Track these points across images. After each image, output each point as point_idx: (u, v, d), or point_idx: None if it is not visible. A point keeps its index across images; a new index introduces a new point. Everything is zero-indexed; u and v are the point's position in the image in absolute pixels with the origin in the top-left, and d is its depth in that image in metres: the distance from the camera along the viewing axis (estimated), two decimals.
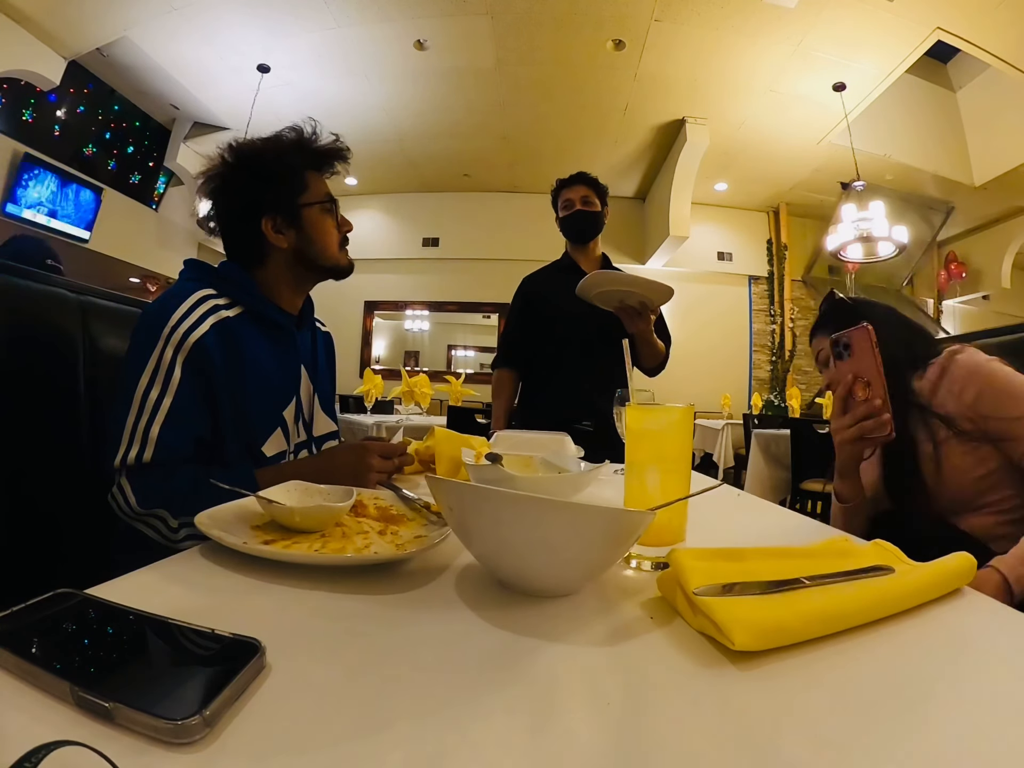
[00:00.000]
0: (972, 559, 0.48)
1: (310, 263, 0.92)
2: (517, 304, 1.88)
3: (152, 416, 0.75)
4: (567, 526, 0.40)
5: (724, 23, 3.92)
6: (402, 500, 0.70)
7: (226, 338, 0.81)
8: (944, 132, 5.21)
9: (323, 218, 0.93)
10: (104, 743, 0.21)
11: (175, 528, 0.73)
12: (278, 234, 0.90)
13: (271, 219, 0.89)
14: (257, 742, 0.25)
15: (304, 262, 0.92)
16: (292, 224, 0.90)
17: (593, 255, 1.85)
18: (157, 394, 0.76)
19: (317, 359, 1.01)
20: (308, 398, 0.97)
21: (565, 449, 1.12)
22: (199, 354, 0.77)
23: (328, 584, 0.45)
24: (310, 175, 0.93)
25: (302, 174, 0.92)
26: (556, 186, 1.85)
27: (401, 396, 3.20)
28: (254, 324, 0.87)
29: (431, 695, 0.30)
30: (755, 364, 6.95)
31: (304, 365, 0.96)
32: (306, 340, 0.99)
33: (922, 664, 0.36)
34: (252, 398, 0.83)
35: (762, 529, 0.77)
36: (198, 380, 0.78)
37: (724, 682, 0.32)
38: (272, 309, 0.90)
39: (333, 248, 0.94)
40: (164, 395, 0.76)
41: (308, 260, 0.92)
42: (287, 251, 0.91)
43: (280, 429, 0.88)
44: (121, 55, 4.58)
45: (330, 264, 0.94)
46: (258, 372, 0.85)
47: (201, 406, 0.79)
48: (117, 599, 0.35)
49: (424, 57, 4.47)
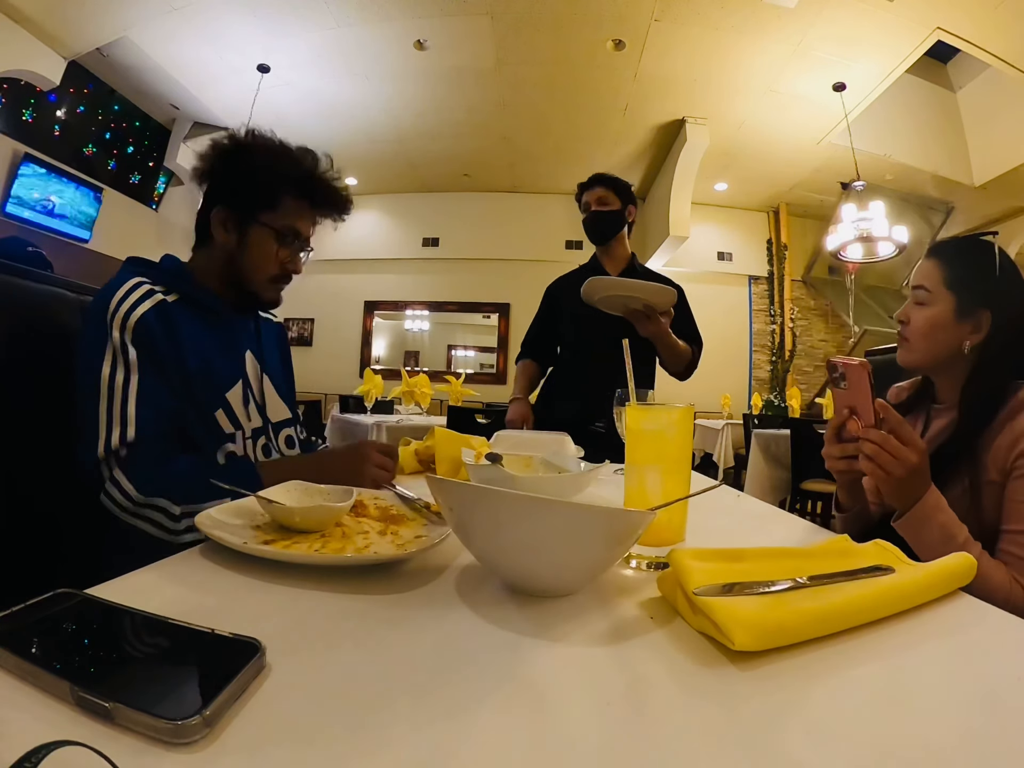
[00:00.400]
0: (972, 559, 0.48)
1: (237, 275, 0.91)
2: (541, 306, 1.92)
3: (124, 397, 0.76)
4: (567, 526, 0.40)
5: (724, 23, 3.91)
6: (402, 500, 0.70)
7: (165, 319, 0.81)
8: (944, 132, 5.21)
9: (268, 242, 0.90)
10: (104, 743, 0.21)
11: (178, 517, 0.72)
12: (221, 227, 0.89)
13: (223, 211, 0.89)
14: (257, 742, 0.25)
15: (233, 270, 0.91)
16: (237, 229, 0.89)
17: (618, 254, 1.83)
18: (122, 376, 0.76)
19: (262, 346, 1.00)
20: (257, 382, 0.97)
21: (565, 449, 1.13)
22: (143, 331, 0.78)
23: (328, 584, 0.45)
24: (290, 201, 0.90)
25: (280, 193, 0.89)
26: (577, 191, 1.84)
27: (401, 396, 3.20)
28: (190, 309, 0.87)
29: (431, 695, 0.30)
30: (755, 364, 6.95)
31: (250, 350, 0.96)
32: (249, 327, 0.99)
33: (921, 664, 0.36)
34: (194, 379, 0.84)
35: (762, 529, 0.77)
36: (149, 354, 0.79)
37: (724, 682, 0.32)
38: (206, 294, 0.90)
39: (262, 276, 0.91)
40: (129, 375, 0.76)
41: (236, 271, 0.91)
42: (223, 249, 0.90)
43: (223, 410, 0.88)
44: (121, 55, 4.58)
45: (252, 288, 0.92)
46: (197, 352, 0.85)
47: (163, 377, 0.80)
48: (117, 599, 0.35)
49: (424, 57, 4.47)
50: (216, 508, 0.58)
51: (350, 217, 1.02)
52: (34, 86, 4.19)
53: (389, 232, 7.12)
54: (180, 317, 0.84)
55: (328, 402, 5.50)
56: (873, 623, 0.40)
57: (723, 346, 6.86)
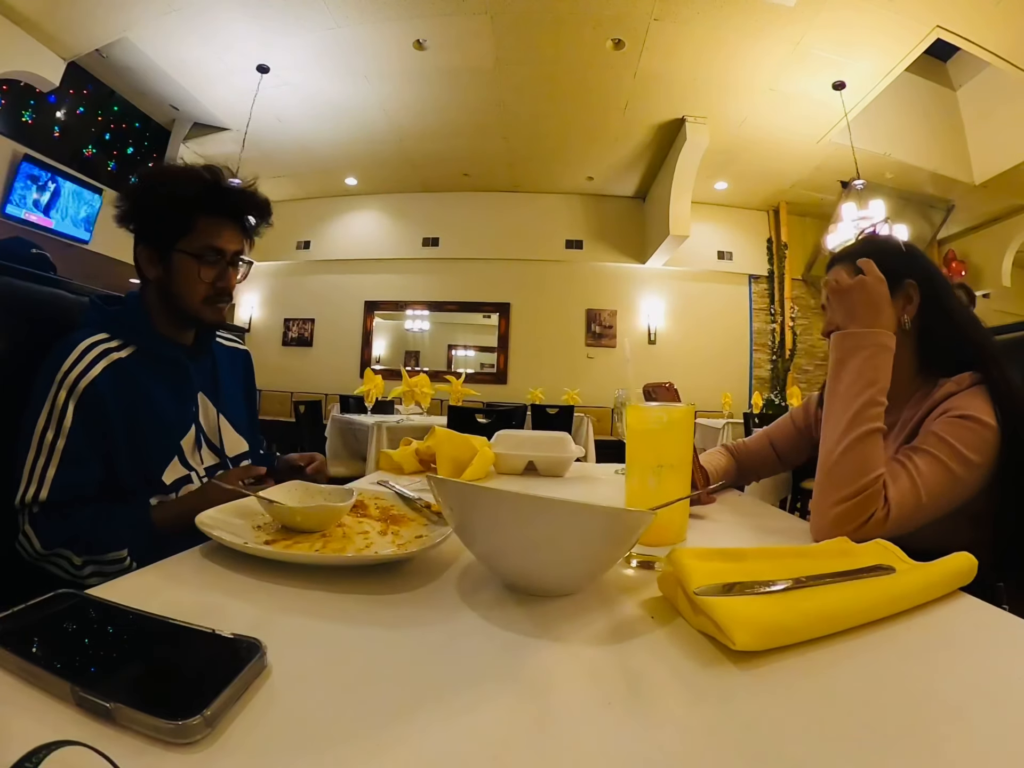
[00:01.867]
0: (972, 559, 0.48)
1: (173, 305, 0.92)
2: None
3: (48, 457, 0.79)
4: (568, 526, 0.40)
5: (724, 22, 3.91)
6: (403, 500, 0.70)
7: (119, 379, 0.84)
8: (944, 130, 5.21)
9: (190, 266, 0.90)
10: (104, 743, 0.21)
11: (79, 566, 0.78)
12: (148, 264, 0.91)
13: (145, 248, 0.91)
14: (257, 742, 0.25)
15: (169, 301, 0.92)
16: (161, 261, 0.90)
17: None
18: (52, 436, 0.79)
19: (220, 383, 1.01)
20: (211, 424, 0.98)
21: (566, 449, 1.12)
22: (90, 397, 0.81)
23: (328, 584, 0.45)
24: (204, 220, 0.90)
25: (191, 217, 0.89)
26: None
27: (401, 396, 3.19)
28: (146, 362, 0.89)
29: (432, 695, 0.30)
30: (755, 363, 6.95)
31: (203, 392, 0.98)
32: (204, 367, 1.00)
33: (922, 664, 0.36)
34: (147, 433, 0.87)
35: (762, 529, 0.77)
36: (89, 421, 0.81)
37: (725, 682, 0.32)
38: (162, 344, 0.92)
39: (194, 299, 0.91)
40: (58, 437, 0.79)
41: (171, 301, 0.92)
42: (156, 284, 0.92)
43: (177, 458, 0.91)
44: (120, 56, 4.59)
45: (190, 314, 0.92)
46: (152, 407, 0.88)
47: (95, 446, 0.82)
48: (117, 599, 0.35)
49: (424, 57, 4.47)
50: (217, 508, 0.58)
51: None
52: (34, 87, 4.19)
53: (389, 232, 7.12)
54: (133, 372, 0.86)
55: (328, 402, 5.50)
56: (873, 623, 0.40)
57: (723, 345, 6.87)
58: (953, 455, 0.71)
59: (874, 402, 0.72)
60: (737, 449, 1.09)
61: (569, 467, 1.14)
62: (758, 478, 1.12)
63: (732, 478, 1.04)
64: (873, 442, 0.70)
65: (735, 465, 1.06)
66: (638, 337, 6.90)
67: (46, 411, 0.79)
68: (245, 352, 1.15)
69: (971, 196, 5.56)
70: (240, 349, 1.13)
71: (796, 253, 6.88)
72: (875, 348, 0.74)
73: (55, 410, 0.79)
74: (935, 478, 0.70)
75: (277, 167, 6.35)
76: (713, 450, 1.08)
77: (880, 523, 0.67)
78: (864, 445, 0.70)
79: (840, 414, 0.73)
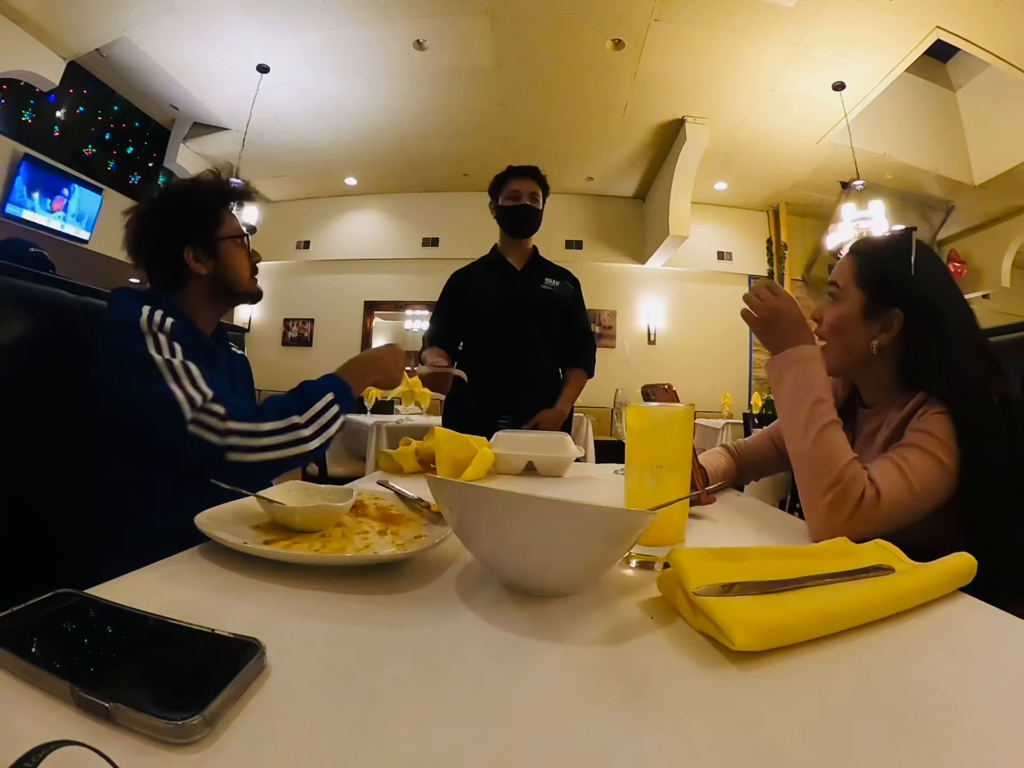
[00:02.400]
0: (972, 559, 0.48)
1: (226, 289, 1.03)
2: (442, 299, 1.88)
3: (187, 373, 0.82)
4: (567, 526, 0.40)
5: (724, 23, 3.91)
6: (402, 500, 0.70)
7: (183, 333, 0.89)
8: (944, 131, 5.21)
9: (237, 250, 1.03)
10: (104, 743, 0.21)
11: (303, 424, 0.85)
12: (198, 263, 1.00)
13: (192, 249, 0.99)
14: (257, 742, 0.25)
15: (220, 288, 1.02)
16: (210, 254, 1.00)
17: (525, 248, 1.88)
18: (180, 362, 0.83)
19: (234, 380, 1.09)
20: None
21: (566, 448, 1.13)
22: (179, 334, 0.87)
23: (328, 584, 0.45)
24: (224, 212, 1.04)
25: (219, 211, 1.03)
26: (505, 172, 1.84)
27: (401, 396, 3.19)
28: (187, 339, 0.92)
29: (431, 695, 0.30)
30: (755, 363, 6.95)
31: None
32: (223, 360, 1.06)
33: (922, 664, 0.36)
34: None
35: (762, 529, 0.77)
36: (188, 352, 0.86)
37: (724, 682, 0.32)
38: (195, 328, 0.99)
39: (246, 276, 1.05)
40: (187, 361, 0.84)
41: (224, 287, 1.03)
42: (206, 278, 1.01)
43: None
44: (120, 56, 4.58)
45: (243, 290, 1.05)
46: None
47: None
48: (117, 599, 0.35)
49: (424, 57, 4.47)
50: (216, 508, 0.58)
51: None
52: (33, 87, 4.19)
53: (389, 232, 7.12)
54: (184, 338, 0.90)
55: None
56: (873, 623, 0.40)
57: (723, 345, 6.87)
58: (939, 445, 0.71)
59: (819, 400, 0.74)
60: (738, 448, 1.09)
61: (568, 467, 1.14)
62: (759, 477, 1.12)
63: (732, 478, 1.05)
64: (832, 432, 0.72)
65: (735, 465, 1.06)
66: (638, 337, 6.90)
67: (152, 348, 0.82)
68: (244, 356, 1.18)
69: (971, 197, 5.56)
70: (238, 354, 1.16)
71: (796, 254, 6.88)
72: (801, 362, 0.77)
73: (162, 348, 0.83)
74: (924, 467, 0.71)
75: (277, 167, 6.34)
76: (713, 450, 1.08)
77: (873, 504, 0.67)
78: (824, 437, 0.72)
79: (793, 421, 0.75)
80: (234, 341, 1.15)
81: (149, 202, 1.01)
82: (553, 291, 1.81)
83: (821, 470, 0.70)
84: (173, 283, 1.00)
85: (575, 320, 1.85)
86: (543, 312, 1.79)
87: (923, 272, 0.82)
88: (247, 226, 1.11)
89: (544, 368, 1.82)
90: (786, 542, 0.69)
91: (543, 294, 1.80)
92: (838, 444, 0.71)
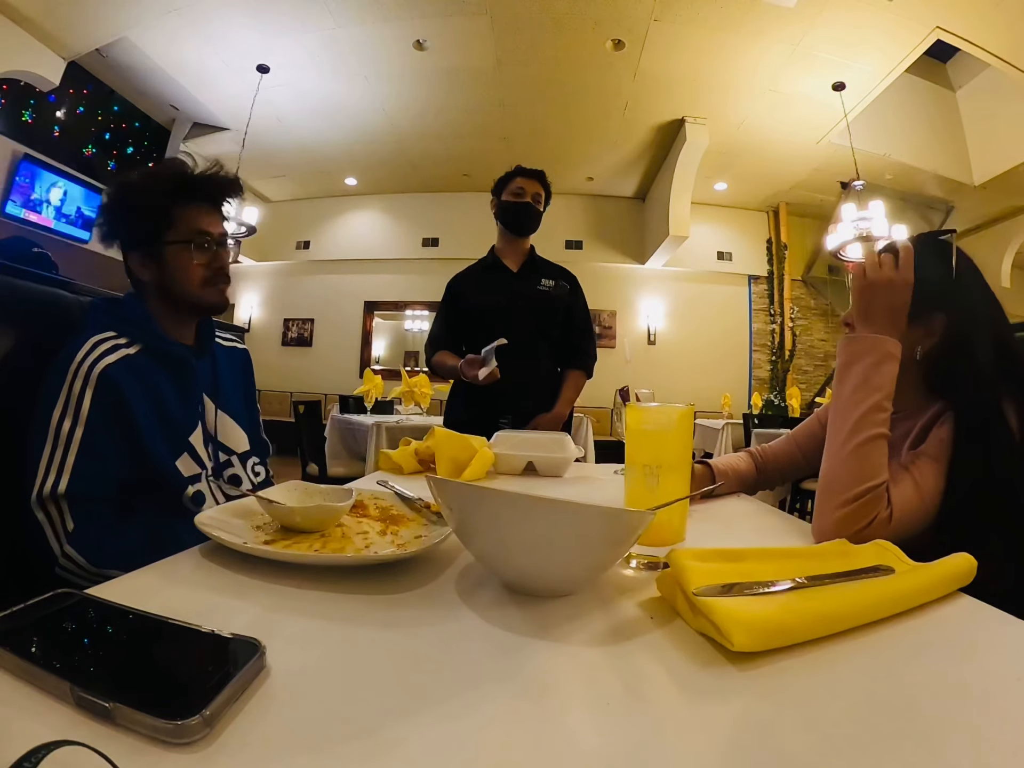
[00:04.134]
0: (972, 560, 0.48)
1: (175, 298, 0.93)
2: (443, 302, 1.89)
3: (67, 447, 0.77)
4: (567, 526, 0.40)
5: (724, 23, 3.92)
6: (402, 500, 0.70)
7: (132, 370, 0.84)
8: (944, 131, 5.22)
9: (183, 254, 0.91)
10: (104, 743, 0.21)
11: None
12: (143, 268, 0.92)
13: (135, 254, 0.91)
14: (257, 742, 0.25)
15: (169, 297, 0.93)
16: (154, 259, 0.91)
17: (522, 249, 1.89)
18: (69, 425, 0.78)
19: (219, 383, 1.01)
20: (214, 423, 0.99)
21: (566, 449, 1.12)
22: (105, 383, 0.80)
23: (328, 584, 0.45)
24: (182, 210, 0.91)
25: (169, 210, 0.90)
26: (513, 171, 1.85)
27: (401, 396, 3.20)
28: (153, 360, 0.89)
29: (431, 695, 0.30)
30: (755, 364, 6.95)
31: (205, 393, 0.98)
32: (205, 367, 1.00)
33: (921, 664, 0.36)
34: (159, 427, 0.86)
35: (762, 529, 0.77)
36: (107, 407, 0.80)
37: (723, 682, 0.32)
38: (168, 343, 0.92)
39: (193, 285, 0.92)
40: (76, 426, 0.78)
41: (172, 295, 0.92)
42: (152, 285, 0.92)
43: (187, 453, 0.91)
44: (121, 56, 4.59)
45: (192, 301, 0.93)
46: (160, 403, 0.87)
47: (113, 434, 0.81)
48: (117, 599, 0.35)
49: (424, 57, 4.47)
50: (216, 508, 0.58)
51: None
52: (34, 87, 4.19)
53: (389, 232, 7.12)
54: (143, 369, 0.86)
55: (328, 402, 5.50)
56: (873, 623, 0.40)
57: (723, 346, 6.88)
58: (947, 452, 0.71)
59: (879, 407, 0.70)
60: (761, 453, 1.06)
61: (568, 467, 1.14)
62: (783, 482, 1.08)
63: (749, 484, 1.02)
64: (876, 447, 0.69)
65: (755, 469, 1.03)
66: (638, 337, 6.90)
67: (62, 402, 0.78)
68: (244, 351, 1.14)
69: (971, 197, 5.57)
70: (239, 348, 1.13)
71: (796, 254, 6.88)
72: (881, 355, 0.72)
73: (71, 399, 0.78)
74: (933, 476, 0.70)
75: (277, 167, 6.35)
76: (737, 453, 1.05)
77: (883, 525, 0.67)
78: (867, 450, 0.69)
79: (844, 419, 0.72)
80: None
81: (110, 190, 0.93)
82: (549, 291, 1.82)
83: (849, 481, 0.68)
84: (135, 287, 0.94)
85: (573, 319, 1.85)
86: (541, 313, 1.79)
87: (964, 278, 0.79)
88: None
89: (545, 369, 1.83)
90: (786, 542, 0.69)
91: (540, 295, 1.81)
92: (877, 462, 0.69)
